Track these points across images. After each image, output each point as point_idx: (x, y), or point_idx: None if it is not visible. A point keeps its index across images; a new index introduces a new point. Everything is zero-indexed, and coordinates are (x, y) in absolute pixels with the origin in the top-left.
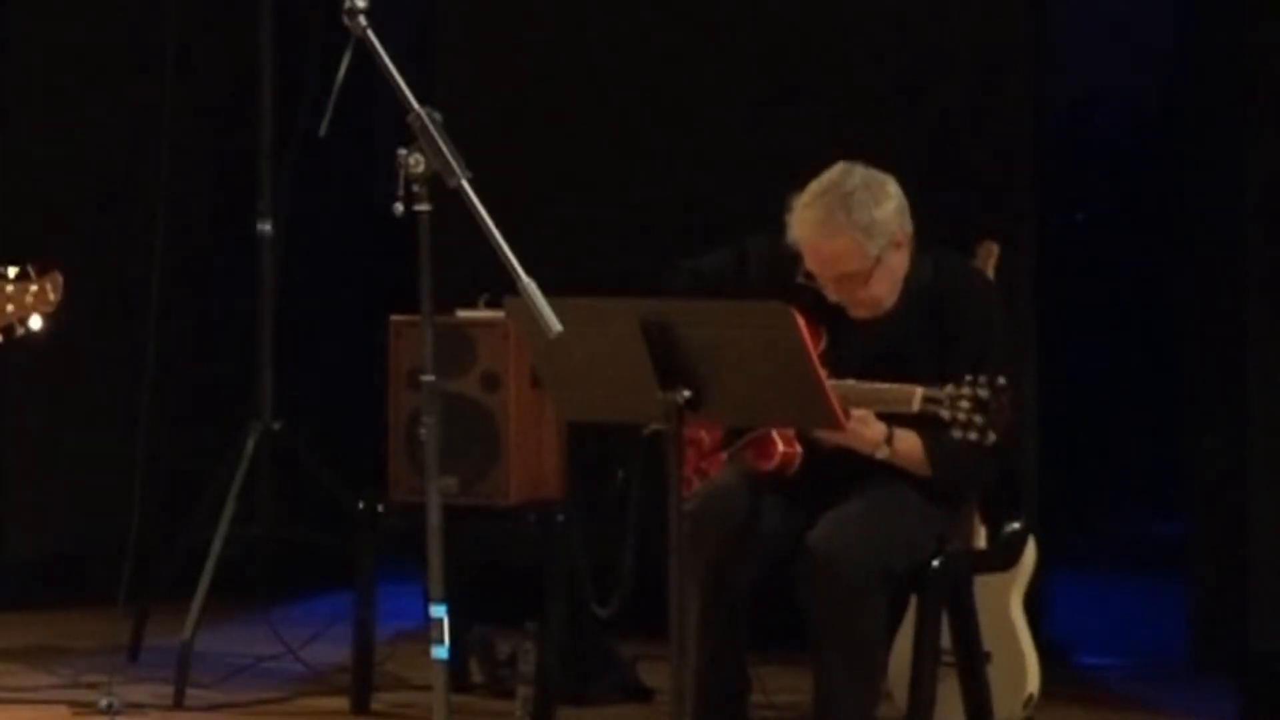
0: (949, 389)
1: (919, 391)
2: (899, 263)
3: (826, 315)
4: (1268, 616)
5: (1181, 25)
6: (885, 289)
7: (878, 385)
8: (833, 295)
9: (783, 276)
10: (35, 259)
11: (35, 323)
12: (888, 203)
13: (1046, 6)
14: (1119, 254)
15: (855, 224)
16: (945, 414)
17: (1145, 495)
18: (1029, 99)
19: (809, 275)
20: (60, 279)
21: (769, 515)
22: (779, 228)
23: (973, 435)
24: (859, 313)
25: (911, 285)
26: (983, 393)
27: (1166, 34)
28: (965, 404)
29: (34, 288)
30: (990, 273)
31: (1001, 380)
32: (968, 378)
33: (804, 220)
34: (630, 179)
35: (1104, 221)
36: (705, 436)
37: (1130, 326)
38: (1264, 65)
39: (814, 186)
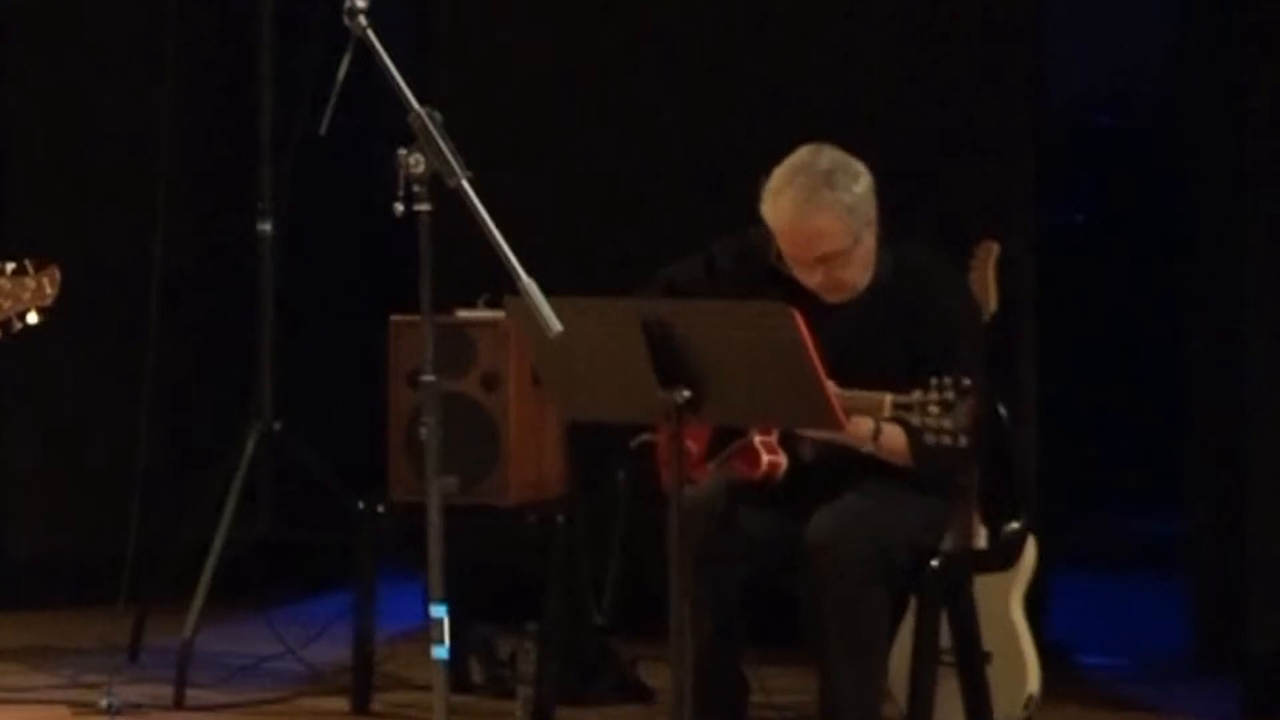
0: (917, 394)
1: (888, 398)
2: (871, 244)
3: (797, 303)
4: (1268, 616)
5: (1181, 25)
6: (861, 270)
7: (850, 392)
8: (808, 279)
9: (753, 265)
10: (36, 259)
11: (33, 318)
12: (862, 180)
13: (1046, 6)
14: (1119, 254)
15: (839, 201)
16: (915, 420)
17: (1145, 495)
18: (1029, 99)
19: (780, 258)
20: (57, 274)
21: (759, 520)
22: (746, 229)
23: (945, 440)
24: (832, 296)
25: (879, 273)
26: (949, 395)
27: (1166, 34)
28: (934, 409)
29: (31, 283)
30: (990, 273)
31: (967, 381)
32: (934, 381)
33: (785, 200)
34: (630, 178)
35: (1104, 221)
36: (693, 447)
37: (1130, 326)
38: (1263, 65)
39: (784, 169)
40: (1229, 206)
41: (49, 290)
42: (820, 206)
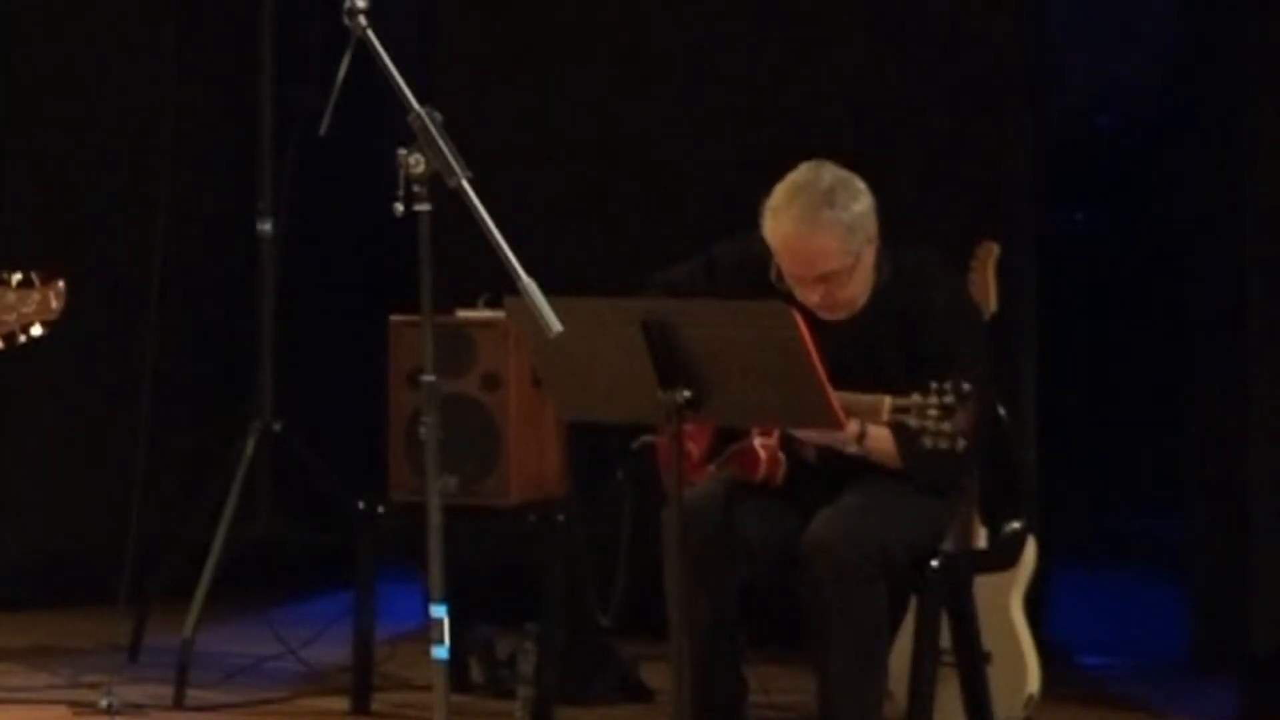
0: (915, 398)
1: (888, 401)
2: (871, 261)
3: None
4: (1268, 616)
5: (1182, 24)
6: (860, 287)
7: (848, 395)
8: (808, 297)
9: (752, 278)
10: (36, 259)
11: (37, 330)
12: (863, 198)
13: (1047, 6)
14: (1119, 254)
15: (839, 220)
16: (914, 423)
17: (1145, 495)
18: (1029, 99)
19: (780, 277)
20: (63, 287)
21: (759, 521)
22: (747, 231)
23: (943, 443)
24: (832, 315)
25: (878, 281)
26: (949, 399)
27: (1167, 33)
28: (933, 412)
29: (36, 296)
30: (990, 273)
31: (966, 386)
32: (933, 385)
33: (786, 219)
34: (629, 179)
35: (1104, 221)
36: (694, 450)
37: (1130, 326)
38: (1264, 63)
39: (786, 187)
40: (1229, 206)
41: (54, 304)
42: (821, 226)
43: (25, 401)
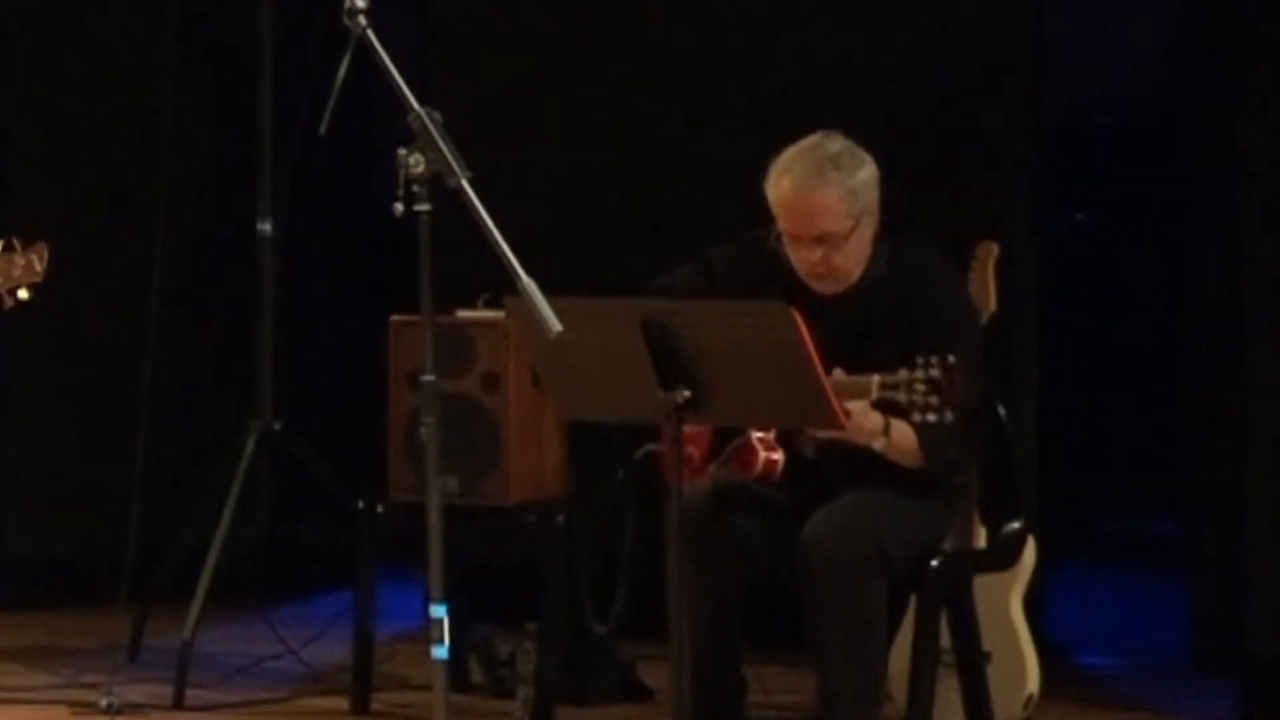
0: (903, 373)
1: (876, 379)
2: (869, 235)
3: (793, 297)
4: (1268, 617)
5: (1181, 25)
6: (856, 258)
7: (838, 378)
8: (806, 258)
9: (752, 264)
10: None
11: (23, 294)
12: (868, 168)
13: (1046, 6)
14: (1119, 254)
15: (842, 182)
16: (902, 398)
17: (1145, 495)
18: (1028, 99)
19: (779, 239)
20: (45, 250)
21: (758, 520)
22: (745, 232)
23: (931, 416)
24: (827, 286)
25: (873, 267)
26: (934, 373)
27: (1167, 33)
28: (920, 386)
29: (21, 260)
30: (990, 273)
31: (951, 358)
32: (919, 360)
33: (789, 177)
34: (630, 179)
35: (1104, 221)
36: (695, 453)
37: (1130, 326)
38: (1264, 63)
39: (793, 149)
40: (1229, 206)
41: (38, 267)
42: (825, 182)
43: (25, 402)
